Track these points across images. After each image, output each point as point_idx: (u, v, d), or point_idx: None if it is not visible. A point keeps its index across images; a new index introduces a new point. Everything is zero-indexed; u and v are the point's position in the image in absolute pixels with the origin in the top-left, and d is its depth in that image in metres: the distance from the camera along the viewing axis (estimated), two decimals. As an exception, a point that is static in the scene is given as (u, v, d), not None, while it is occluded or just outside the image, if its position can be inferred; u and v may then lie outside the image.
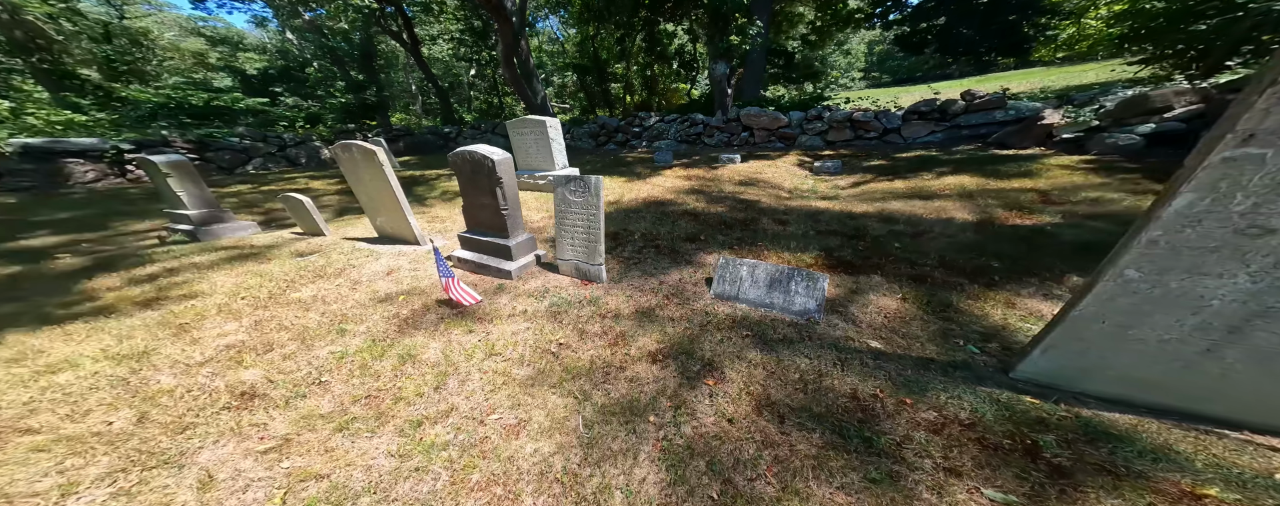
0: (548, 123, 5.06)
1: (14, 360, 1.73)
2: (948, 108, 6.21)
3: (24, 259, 3.05)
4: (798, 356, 1.67)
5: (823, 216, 3.48)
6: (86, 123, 8.60)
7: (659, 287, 2.34)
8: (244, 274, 2.69)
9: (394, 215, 3.23)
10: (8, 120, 7.72)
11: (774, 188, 4.69)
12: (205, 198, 3.72)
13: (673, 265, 2.63)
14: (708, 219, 3.52)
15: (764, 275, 2.12)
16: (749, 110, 7.56)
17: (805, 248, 2.76)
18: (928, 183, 4.23)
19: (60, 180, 6.24)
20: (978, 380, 1.48)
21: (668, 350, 1.77)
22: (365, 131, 12.14)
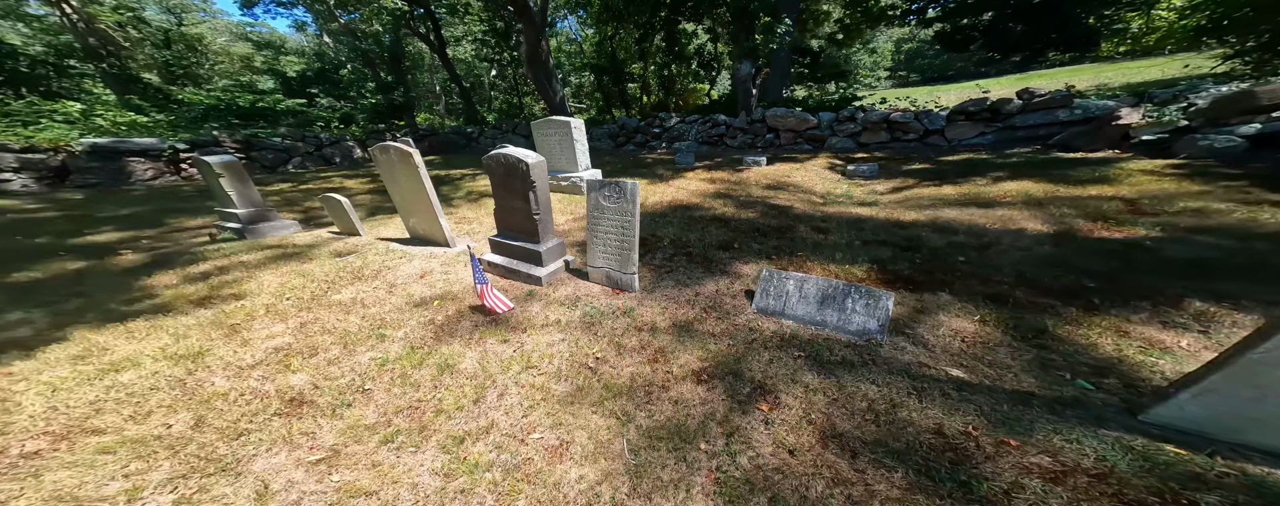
0: (573, 124, 5.01)
1: (80, 357, 1.79)
2: (1001, 107, 5.73)
3: (90, 254, 3.20)
4: (862, 382, 1.54)
5: (866, 224, 3.28)
6: (147, 123, 9.11)
7: (695, 300, 2.24)
8: (288, 274, 2.73)
9: (426, 217, 3.23)
10: (79, 121, 8.24)
11: (805, 192, 4.49)
12: (252, 197, 3.83)
13: (707, 275, 2.52)
14: (739, 225, 3.38)
15: (815, 290, 1.98)
16: (775, 111, 7.31)
17: (852, 259, 2.59)
18: (983, 189, 3.92)
19: (123, 177, 6.62)
20: (1097, 421, 1.30)
21: (712, 369, 1.67)
22: (394, 131, 12.43)
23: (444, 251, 3.19)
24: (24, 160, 5.84)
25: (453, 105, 23.53)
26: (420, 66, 23.26)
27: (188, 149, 7.48)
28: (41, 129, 7.24)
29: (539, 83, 9.39)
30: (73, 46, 11.85)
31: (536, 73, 9.16)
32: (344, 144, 10.84)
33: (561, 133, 5.08)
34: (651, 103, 17.12)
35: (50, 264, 2.92)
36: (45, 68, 10.38)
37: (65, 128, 7.54)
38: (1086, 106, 5.37)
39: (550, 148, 5.22)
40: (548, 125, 5.15)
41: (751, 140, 7.71)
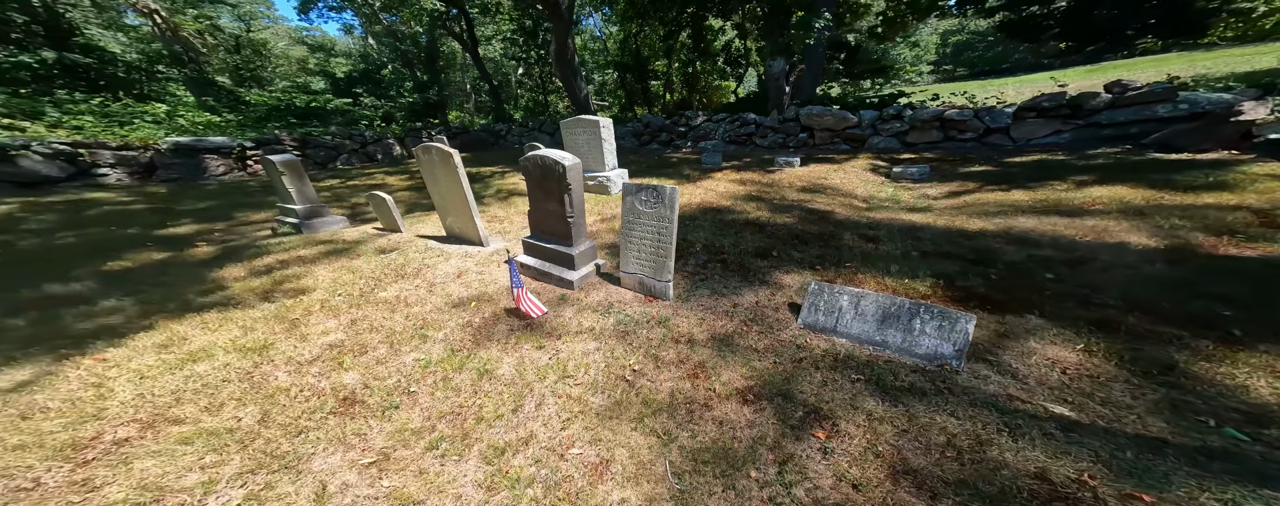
0: (601, 123, 4.93)
1: (163, 346, 1.92)
2: (1084, 102, 4.94)
3: (172, 246, 3.48)
4: (938, 413, 1.39)
5: (923, 233, 2.98)
6: (219, 123, 9.87)
7: (733, 311, 2.13)
8: (339, 270, 2.84)
9: (462, 217, 3.27)
10: (164, 121, 9.05)
11: (846, 196, 4.18)
12: (308, 194, 4.03)
13: (744, 284, 2.39)
14: (776, 231, 3.19)
15: (874, 307, 1.81)
16: (810, 109, 6.85)
17: (912, 273, 2.34)
18: (1065, 194, 3.44)
19: (200, 172, 7.22)
20: (1259, 479, 1.09)
21: (758, 388, 1.56)
22: (430, 129, 12.86)
23: (479, 251, 3.23)
24: (119, 156, 6.47)
25: (481, 103, 24.08)
26: (453, 66, 23.89)
27: (253, 146, 8.04)
28: (134, 128, 8.00)
29: (566, 80, 9.36)
30: (161, 53, 13.00)
31: (563, 70, 9.13)
32: (385, 142, 11.31)
33: (590, 132, 5.01)
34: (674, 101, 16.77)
35: (139, 254, 3.19)
36: (139, 73, 11.45)
37: (153, 127, 8.29)
38: (1193, 100, 4.53)
39: (578, 146, 5.17)
40: (577, 124, 5.09)
41: (783, 140, 7.31)
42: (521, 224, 3.97)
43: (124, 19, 14.08)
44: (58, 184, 5.72)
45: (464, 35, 13.91)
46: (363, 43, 21.05)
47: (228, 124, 9.97)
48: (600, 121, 4.90)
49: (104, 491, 1.19)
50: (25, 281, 2.59)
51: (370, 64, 18.11)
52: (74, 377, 1.68)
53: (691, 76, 16.29)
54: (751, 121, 7.71)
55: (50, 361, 1.77)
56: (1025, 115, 5.38)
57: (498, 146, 13.45)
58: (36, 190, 5.44)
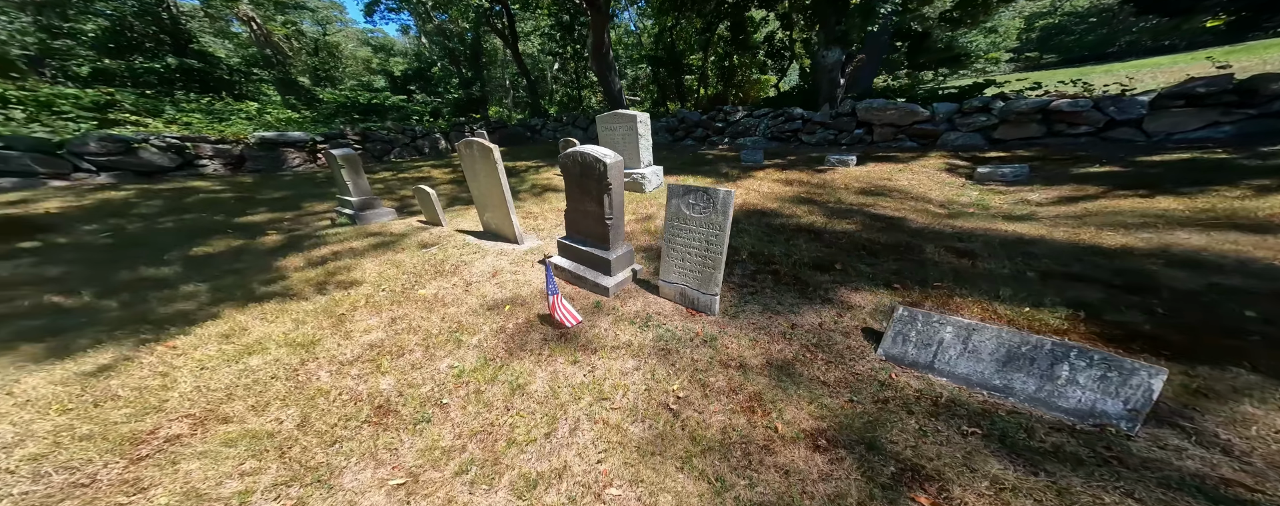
0: (639, 118, 4.63)
1: (226, 336, 1.96)
2: (1260, 86, 3.85)
3: (247, 233, 3.72)
4: (1107, 491, 1.02)
5: (1036, 249, 2.40)
6: (297, 119, 10.78)
7: (791, 332, 1.81)
8: (384, 263, 2.84)
9: (499, 213, 3.17)
10: (255, 118, 10.03)
11: (917, 200, 3.58)
12: (364, 187, 4.15)
13: (803, 301, 2.04)
14: (836, 239, 2.77)
15: (994, 344, 1.41)
16: (869, 103, 6.04)
17: (1033, 299, 1.85)
18: (1240, 204, 2.69)
19: (280, 164, 7.88)
20: None
21: (833, 432, 1.26)
22: (471, 124, 13.23)
23: (513, 248, 3.11)
24: (217, 149, 7.20)
25: (518, 99, 24.50)
26: (494, 63, 24.44)
27: (323, 141, 8.64)
28: (230, 124, 8.91)
29: (602, 74, 9.09)
30: (256, 57, 14.41)
31: (599, 64, 8.86)
32: (432, 136, 11.74)
33: (626, 127, 4.74)
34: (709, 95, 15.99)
35: (220, 240, 3.43)
36: (238, 75, 12.78)
37: (245, 123, 9.18)
38: None
39: (614, 141, 4.92)
40: (613, 119, 4.83)
41: (833, 136, 6.54)
42: (556, 221, 3.82)
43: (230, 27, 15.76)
44: (168, 173, 6.46)
45: (505, 31, 14.02)
46: (417, 42, 22.05)
47: (304, 120, 10.85)
48: (637, 116, 4.61)
49: (150, 493, 1.16)
50: (126, 263, 2.84)
51: (422, 62, 18.97)
52: (147, 364, 1.74)
53: (728, 70, 15.43)
54: (798, 117, 6.98)
55: (131, 346, 1.86)
56: (1168, 104, 4.21)
57: (533, 141, 13.56)
58: (151, 178, 6.17)
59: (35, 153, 5.40)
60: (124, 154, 6.07)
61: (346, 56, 22.70)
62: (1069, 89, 5.46)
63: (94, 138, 5.88)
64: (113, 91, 8.76)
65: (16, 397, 1.51)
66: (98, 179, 5.77)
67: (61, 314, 2.14)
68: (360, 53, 25.12)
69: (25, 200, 4.43)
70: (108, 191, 5.04)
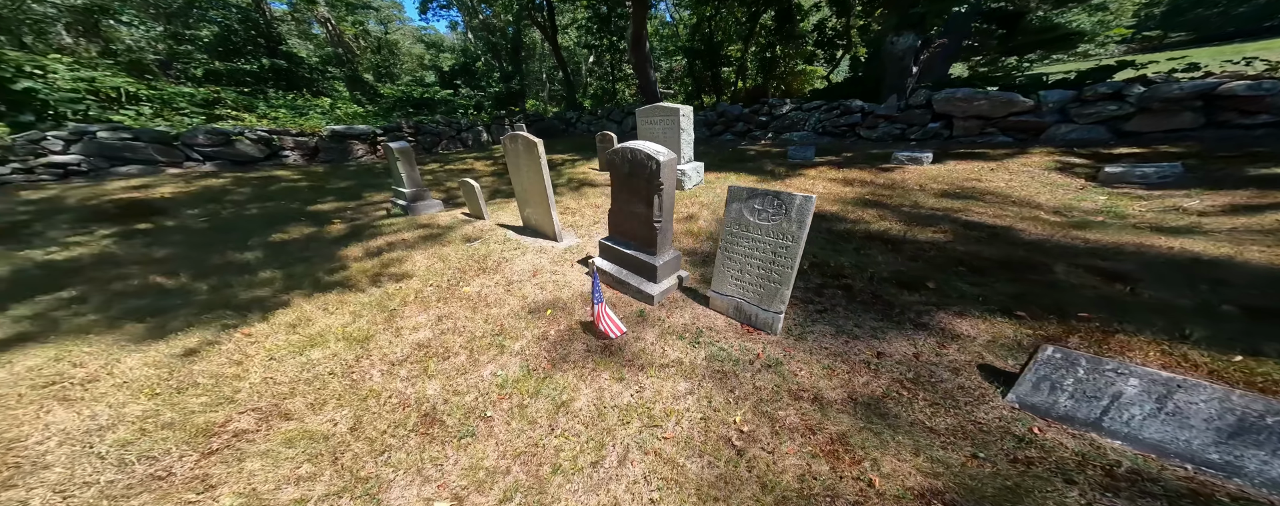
0: (681, 112, 4.28)
1: (293, 326, 2.00)
2: None
3: (317, 221, 3.95)
4: None
5: (1223, 273, 1.81)
6: (362, 113, 11.54)
7: (877, 363, 1.50)
8: (432, 257, 2.84)
9: (540, 210, 3.04)
10: (328, 112, 10.86)
11: (1021, 205, 2.94)
12: (416, 179, 4.24)
13: (888, 326, 1.71)
14: (920, 251, 2.34)
15: (1215, 408, 1.04)
16: (950, 93, 5.07)
17: (1248, 345, 1.36)
18: None
19: (347, 155, 8.47)
20: None
21: (954, 495, 1.01)
22: (511, 117, 13.42)
23: (552, 246, 2.99)
24: (297, 141, 7.85)
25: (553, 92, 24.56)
26: (531, 56, 24.58)
27: (382, 133, 9.14)
28: (308, 118, 9.69)
29: (639, 66, 8.69)
30: (330, 56, 15.57)
31: (638, 56, 8.45)
32: (475, 129, 12.05)
33: (668, 120, 4.41)
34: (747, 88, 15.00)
35: (294, 228, 3.65)
36: (316, 73, 13.91)
37: (320, 118, 9.93)
38: None
39: (654, 135, 4.62)
40: (654, 112, 4.52)
41: (900, 131, 5.65)
42: (593, 218, 3.65)
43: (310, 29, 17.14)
44: (258, 163, 7.14)
45: (545, 23, 13.91)
46: (463, 38, 22.68)
47: (368, 114, 11.59)
48: (680, 110, 4.26)
49: (217, 492, 1.15)
50: (218, 246, 3.08)
51: (468, 57, 19.51)
52: (225, 351, 1.81)
53: (768, 62, 14.32)
54: (857, 110, 6.13)
55: (214, 331, 1.95)
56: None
57: (568, 134, 13.51)
58: (244, 167, 6.85)
59: (156, 143, 6.16)
60: (224, 145, 6.77)
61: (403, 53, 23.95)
62: (1230, 67, 4.24)
63: (202, 131, 6.59)
64: (218, 89, 9.84)
65: (116, 377, 1.62)
66: (203, 167, 6.49)
67: (162, 294, 2.33)
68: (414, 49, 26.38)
69: (146, 185, 5.06)
70: (210, 179, 5.64)
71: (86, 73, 7.39)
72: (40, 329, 1.97)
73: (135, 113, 7.29)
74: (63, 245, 2.96)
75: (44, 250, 2.84)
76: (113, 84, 7.59)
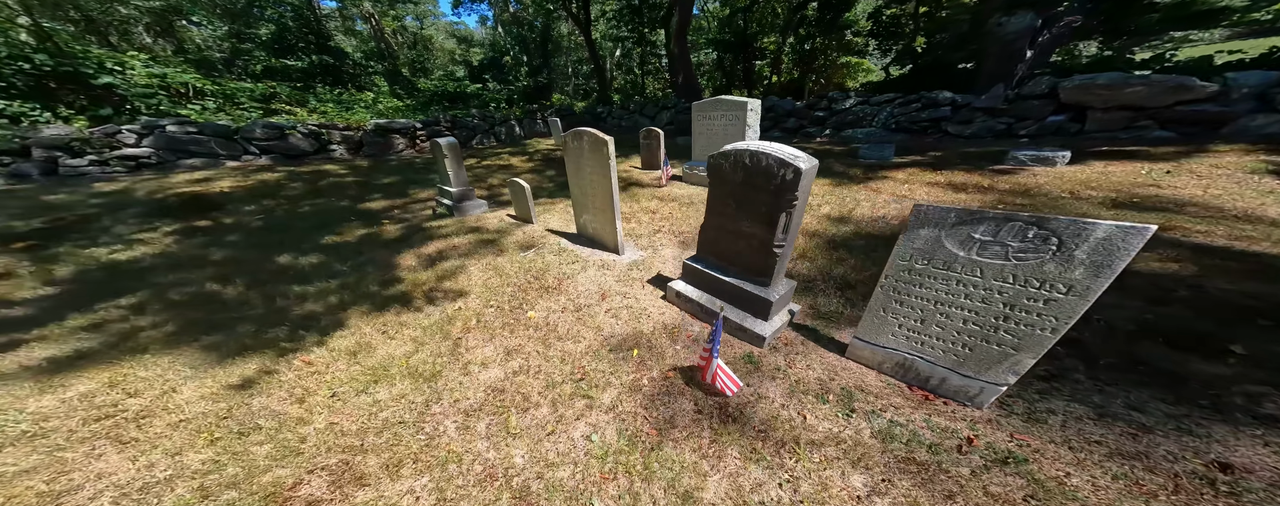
0: (748, 106, 3.80)
1: (353, 354, 1.77)
2: None
3: (367, 220, 3.80)
4: None
5: None
6: (401, 108, 11.65)
7: (1224, 482, 0.99)
8: (487, 269, 2.57)
9: (603, 219, 2.70)
10: (370, 107, 11.01)
11: (1250, 220, 2.23)
12: (462, 178, 4.01)
13: (1194, 412, 1.19)
14: (1165, 290, 1.73)
15: None
16: (1089, 78, 4.09)
17: None
18: None
19: (388, 149, 8.50)
20: None
21: None
22: (543, 111, 13.17)
23: (614, 260, 2.65)
24: (343, 135, 7.93)
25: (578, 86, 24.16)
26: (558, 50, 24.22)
27: (421, 127, 9.11)
28: (353, 113, 9.83)
29: (683, 58, 8.13)
30: (373, 51, 15.88)
31: (681, 47, 7.88)
32: (508, 123, 11.89)
33: (730, 116, 3.93)
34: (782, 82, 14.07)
35: (346, 229, 3.50)
36: (359, 69, 14.21)
37: (364, 112, 10.06)
38: None
39: (712, 132, 4.17)
40: (714, 106, 4.05)
41: (1006, 126, 4.75)
42: (652, 225, 3.28)
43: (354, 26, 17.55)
44: (308, 156, 7.23)
45: (579, 14, 13.48)
46: (492, 32, 22.61)
47: (406, 108, 11.68)
48: (747, 103, 3.78)
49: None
50: (272, 249, 2.95)
51: (496, 51, 19.41)
52: (285, 383, 1.59)
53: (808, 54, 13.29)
54: (944, 102, 5.28)
55: (272, 356, 1.75)
56: None
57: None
58: (296, 160, 6.95)
59: (218, 137, 6.30)
60: (278, 139, 6.87)
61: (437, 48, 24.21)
62: None
63: (259, 125, 6.71)
64: (274, 84, 10.14)
65: (172, 413, 1.42)
66: (259, 160, 6.62)
67: (218, 306, 2.18)
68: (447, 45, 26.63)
69: (207, 179, 5.13)
70: (265, 173, 5.69)
71: (159, 69, 7.73)
72: (97, 344, 1.83)
73: (201, 107, 7.56)
74: (126, 243, 2.92)
75: (108, 248, 2.80)
76: (182, 79, 7.90)
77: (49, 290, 2.27)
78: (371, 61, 15.07)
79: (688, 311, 2.02)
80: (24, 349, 1.76)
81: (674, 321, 1.93)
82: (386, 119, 8.99)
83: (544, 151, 8.29)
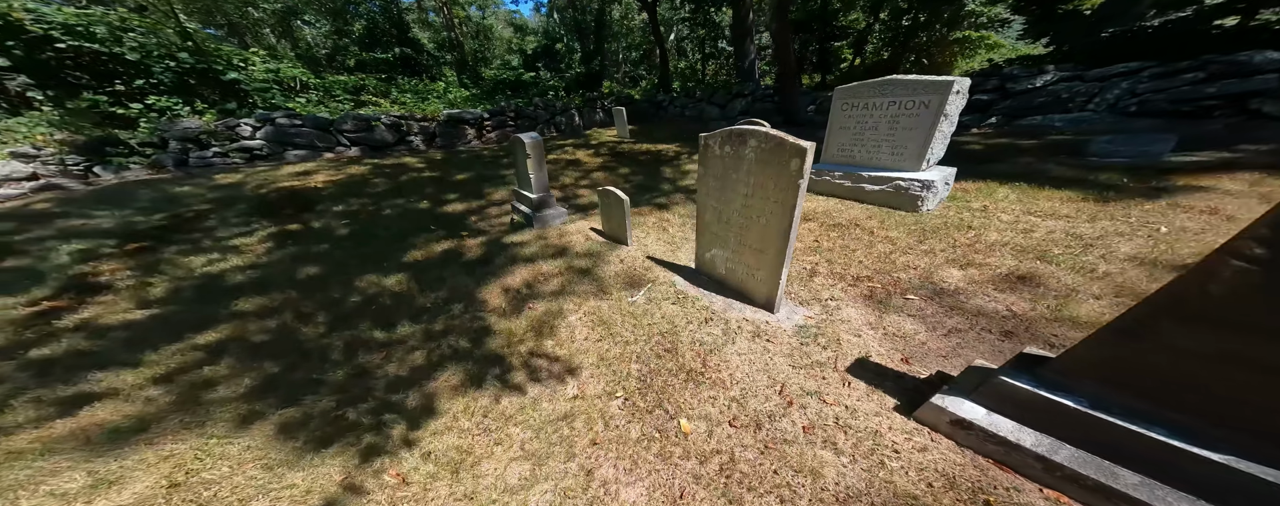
0: (954, 86, 2.57)
1: (454, 469, 1.19)
2: None
3: (446, 228, 3.36)
4: None
5: None
6: (468, 97, 11.69)
7: None
8: (592, 323, 1.89)
9: (755, 260, 1.84)
10: (442, 96, 11.19)
11: None
12: (543, 181, 3.39)
13: None
14: None
15: None
16: None
17: None
18: None
19: (457, 139, 8.43)
20: None
21: None
22: (603, 100, 12.38)
23: (768, 321, 1.82)
24: (420, 126, 7.97)
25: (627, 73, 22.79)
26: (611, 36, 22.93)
27: (488, 117, 8.90)
28: (428, 103, 9.98)
29: (783, 39, 6.65)
30: (444, 42, 16.31)
31: (785, 25, 6.41)
32: (568, 112, 11.33)
33: (911, 101, 2.72)
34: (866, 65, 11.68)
35: (426, 241, 3.08)
36: (432, 60, 14.65)
37: (437, 103, 10.18)
38: None
39: (865, 126, 2.99)
40: (879, 90, 2.85)
41: None
42: (800, 263, 2.32)
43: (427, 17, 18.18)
44: (390, 148, 7.36)
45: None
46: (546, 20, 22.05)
47: (474, 97, 11.70)
48: (953, 83, 2.55)
49: None
50: (355, 268, 2.59)
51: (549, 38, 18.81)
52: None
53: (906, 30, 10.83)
54: (1269, 67, 3.11)
55: (356, 459, 1.24)
56: None
57: (658, 118, 11.98)
58: (380, 153, 7.08)
59: (317, 130, 6.55)
60: (365, 131, 7.02)
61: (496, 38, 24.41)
62: None
63: (350, 117, 6.88)
64: (363, 77, 10.69)
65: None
66: (349, 152, 6.82)
67: (297, 355, 1.78)
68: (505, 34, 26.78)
69: (306, 172, 5.23)
70: (353, 166, 5.73)
71: (273, 64, 8.37)
72: (166, 405, 1.48)
73: (305, 100, 8.06)
74: (222, 251, 2.76)
75: (206, 257, 2.65)
76: (291, 74, 8.50)
77: (139, 314, 2.08)
78: (442, 51, 15.43)
79: (992, 457, 1.12)
80: (87, 410, 1.46)
81: (957, 470, 1.06)
82: (457, 109, 8.90)
83: (609, 144, 7.54)
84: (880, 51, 12.86)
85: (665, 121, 11.10)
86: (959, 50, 11.45)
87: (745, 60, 10.38)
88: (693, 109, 11.11)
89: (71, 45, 5.28)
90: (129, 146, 4.98)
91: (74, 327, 1.89)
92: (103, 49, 5.52)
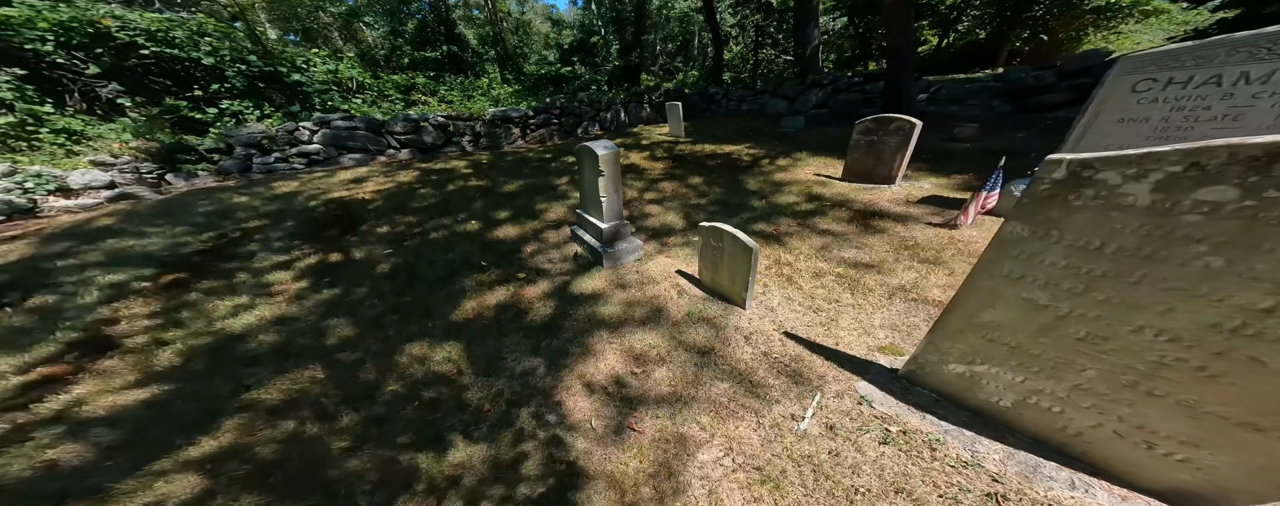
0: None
1: None
2: None
3: (500, 264, 2.76)
4: None
5: None
6: (511, 93, 11.33)
7: None
8: (733, 460, 1.13)
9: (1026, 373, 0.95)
10: (486, 93, 10.92)
11: None
12: (616, 207, 2.63)
13: None
14: None
15: None
16: None
17: None
18: None
19: (501, 139, 8.01)
20: None
21: None
22: (649, 93, 11.44)
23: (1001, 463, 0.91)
24: (466, 126, 7.64)
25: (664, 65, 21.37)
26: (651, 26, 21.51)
27: (533, 115, 8.38)
28: (474, 101, 9.71)
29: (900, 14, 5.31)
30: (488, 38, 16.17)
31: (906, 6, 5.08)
32: (614, 108, 10.55)
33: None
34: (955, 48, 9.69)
35: (478, 289, 2.45)
36: (476, 56, 14.53)
37: (483, 101, 9.88)
38: None
39: (1197, 114, 1.89)
40: (1225, 56, 1.72)
41: None
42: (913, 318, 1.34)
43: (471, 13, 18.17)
44: (438, 149, 7.08)
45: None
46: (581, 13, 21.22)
47: (517, 93, 11.31)
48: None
49: None
50: (395, 326, 2.03)
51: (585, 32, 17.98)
52: None
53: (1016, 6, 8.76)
54: None
55: None
56: None
57: (711, 112, 10.78)
58: (428, 155, 6.81)
59: (371, 131, 6.38)
60: (413, 132, 6.76)
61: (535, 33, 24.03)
62: None
63: (400, 118, 6.64)
64: (414, 75, 10.67)
65: None
66: (399, 155, 6.60)
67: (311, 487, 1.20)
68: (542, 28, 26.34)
69: (358, 179, 4.96)
70: (402, 172, 5.41)
71: (332, 64, 8.45)
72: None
73: (360, 100, 8.04)
74: (253, 292, 2.33)
75: (233, 302, 2.23)
76: (348, 74, 8.55)
77: (133, 397, 1.63)
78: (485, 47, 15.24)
79: None
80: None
81: None
82: (501, 107, 8.47)
83: (664, 144, 6.64)
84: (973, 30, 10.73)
85: (720, 117, 9.90)
86: (1093, 21, 9.04)
87: (808, 47, 8.95)
88: (752, 102, 9.83)
89: (154, 51, 5.39)
90: (198, 153, 4.99)
91: (52, 418, 1.48)
92: (181, 54, 5.62)
